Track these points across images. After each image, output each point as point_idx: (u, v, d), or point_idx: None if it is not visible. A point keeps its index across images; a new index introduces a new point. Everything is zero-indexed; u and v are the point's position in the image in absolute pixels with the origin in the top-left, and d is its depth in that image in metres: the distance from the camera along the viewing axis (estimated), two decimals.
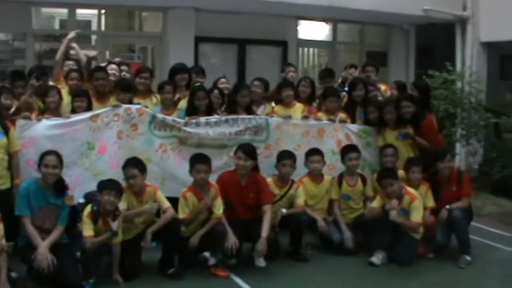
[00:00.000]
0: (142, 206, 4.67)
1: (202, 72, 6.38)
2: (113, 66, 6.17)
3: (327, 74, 6.83)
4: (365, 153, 5.83)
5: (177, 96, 5.79)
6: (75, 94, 5.37)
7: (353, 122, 6.03)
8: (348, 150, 5.52)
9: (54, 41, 8.94)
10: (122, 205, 4.56)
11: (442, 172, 5.37)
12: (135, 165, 4.68)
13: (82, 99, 5.29)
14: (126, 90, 5.51)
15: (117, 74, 6.09)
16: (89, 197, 4.70)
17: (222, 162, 5.42)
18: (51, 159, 4.43)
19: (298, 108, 6.04)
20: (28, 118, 4.97)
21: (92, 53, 6.37)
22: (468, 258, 5.17)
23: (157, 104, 5.71)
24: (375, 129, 5.91)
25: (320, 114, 5.98)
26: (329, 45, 10.88)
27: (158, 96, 5.74)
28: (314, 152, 5.44)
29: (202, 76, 6.30)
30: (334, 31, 10.80)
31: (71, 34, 6.08)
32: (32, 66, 6.56)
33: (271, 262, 5.01)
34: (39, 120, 5.01)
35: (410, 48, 10.92)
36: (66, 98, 5.41)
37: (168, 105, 5.63)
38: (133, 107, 5.35)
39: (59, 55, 5.92)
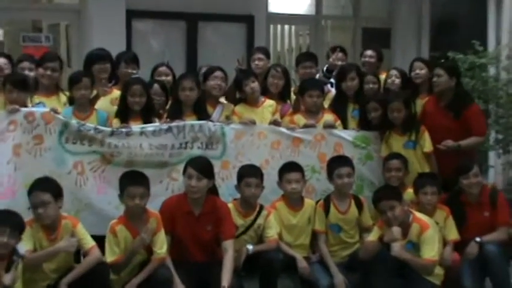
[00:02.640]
0: (56, 245, 4.65)
1: (134, 60, 6.42)
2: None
3: (305, 58, 6.84)
4: (363, 168, 5.99)
5: (95, 92, 5.79)
6: None
7: (344, 125, 6.16)
8: (336, 164, 5.59)
9: None
10: (25, 246, 4.54)
11: (468, 191, 5.49)
12: (46, 187, 4.67)
13: None
14: (21, 86, 5.41)
15: (7, 65, 5.95)
16: None
17: (161, 187, 5.48)
18: None
19: (267, 107, 6.13)
20: None
21: None
22: None
23: (67, 105, 5.70)
24: (376, 135, 6.06)
25: (297, 117, 6.08)
26: (311, 20, 10.89)
27: (68, 94, 5.74)
28: (291, 168, 5.51)
29: (135, 66, 6.34)
30: (318, 2, 10.85)
31: None
32: None
33: None
34: None
35: (424, 22, 10.97)
36: None
37: (84, 106, 5.63)
38: (37, 111, 5.35)
39: None
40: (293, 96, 6.47)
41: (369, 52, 7.29)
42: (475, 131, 6.06)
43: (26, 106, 5.42)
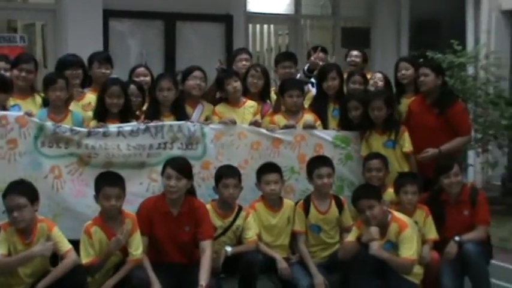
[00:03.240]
0: (31, 249, 4.60)
1: (107, 60, 6.35)
2: None
3: (284, 58, 6.84)
4: (344, 169, 5.98)
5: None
6: None
7: (324, 125, 6.15)
8: (316, 164, 5.57)
9: None
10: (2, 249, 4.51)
11: (449, 191, 5.50)
12: (21, 191, 4.62)
13: None
14: (1, 88, 5.36)
15: None
16: None
17: (141, 188, 5.45)
18: None
19: (248, 107, 6.12)
20: None
21: None
22: None
23: (42, 107, 5.64)
24: (356, 135, 6.06)
25: (277, 117, 6.07)
26: (290, 20, 10.99)
27: (43, 95, 5.68)
28: (269, 169, 5.49)
29: (108, 66, 6.27)
30: (297, 1, 10.91)
31: None
32: None
33: None
34: None
35: (403, 21, 11.11)
36: None
37: (59, 108, 5.56)
38: (11, 114, 5.29)
39: None
40: (273, 96, 6.47)
41: (354, 52, 7.40)
42: (459, 129, 6.09)
43: (5, 108, 5.37)
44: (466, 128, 6.27)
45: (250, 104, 6.14)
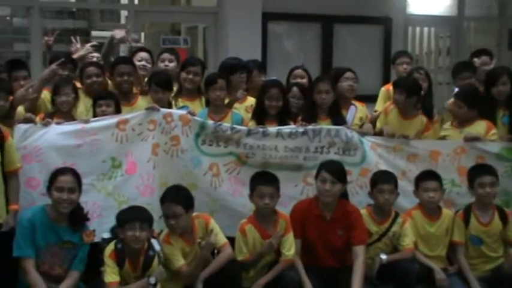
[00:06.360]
0: (195, 248, 4.77)
1: (262, 68, 6.43)
2: (143, 54, 6.22)
3: (463, 68, 6.55)
4: (509, 182, 5.66)
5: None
6: (98, 96, 5.46)
7: None
8: (479, 172, 5.37)
9: (69, 18, 9.05)
10: (178, 262, 4.69)
11: None
12: (177, 199, 4.71)
13: (108, 103, 5.38)
14: (165, 86, 5.58)
15: (149, 65, 6.15)
16: (116, 232, 4.77)
17: (296, 190, 5.46)
18: (67, 181, 4.55)
19: (416, 122, 5.88)
20: (31, 121, 5.12)
21: (119, 33, 6.45)
22: None
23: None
24: None
25: (448, 128, 5.86)
26: (453, 22, 10.71)
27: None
28: (429, 176, 5.35)
29: (263, 73, 6.38)
30: (461, 2, 10.63)
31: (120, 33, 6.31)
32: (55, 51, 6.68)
33: None
34: (46, 124, 5.14)
35: None
36: (83, 101, 5.55)
37: (219, 107, 5.64)
38: (175, 112, 5.44)
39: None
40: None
41: None
42: None
43: (170, 106, 5.54)
44: None
45: (419, 120, 5.91)
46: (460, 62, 7.25)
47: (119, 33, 6.44)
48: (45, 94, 5.49)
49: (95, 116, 5.37)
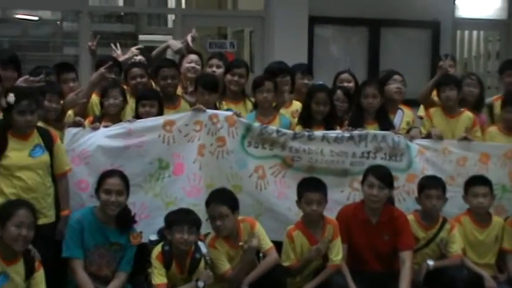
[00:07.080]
0: (240, 252, 4.76)
1: (309, 71, 6.40)
2: (193, 57, 6.26)
3: (510, 64, 6.48)
4: None
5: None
6: (140, 96, 5.48)
7: None
8: None
9: (116, 22, 9.18)
10: (223, 267, 4.71)
11: None
12: (222, 200, 4.73)
13: (151, 104, 5.40)
14: (212, 89, 5.57)
15: (198, 67, 6.19)
16: (163, 233, 4.81)
17: (342, 196, 5.43)
18: (115, 183, 4.61)
19: (463, 119, 5.84)
20: (80, 125, 5.19)
21: (176, 44, 6.55)
22: None
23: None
24: None
25: (492, 130, 5.78)
26: (503, 25, 10.56)
27: (253, 100, 5.78)
28: (479, 181, 5.27)
29: (310, 77, 6.32)
30: (511, 5, 10.46)
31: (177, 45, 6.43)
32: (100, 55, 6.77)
33: None
34: (95, 128, 5.21)
35: None
36: (129, 103, 5.59)
37: (266, 110, 5.63)
38: (221, 113, 5.44)
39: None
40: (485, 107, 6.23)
41: None
42: None
43: (216, 108, 5.56)
44: None
45: (466, 116, 5.86)
46: (507, 60, 7.14)
47: (176, 45, 6.54)
48: (94, 98, 5.57)
49: (137, 115, 5.39)
